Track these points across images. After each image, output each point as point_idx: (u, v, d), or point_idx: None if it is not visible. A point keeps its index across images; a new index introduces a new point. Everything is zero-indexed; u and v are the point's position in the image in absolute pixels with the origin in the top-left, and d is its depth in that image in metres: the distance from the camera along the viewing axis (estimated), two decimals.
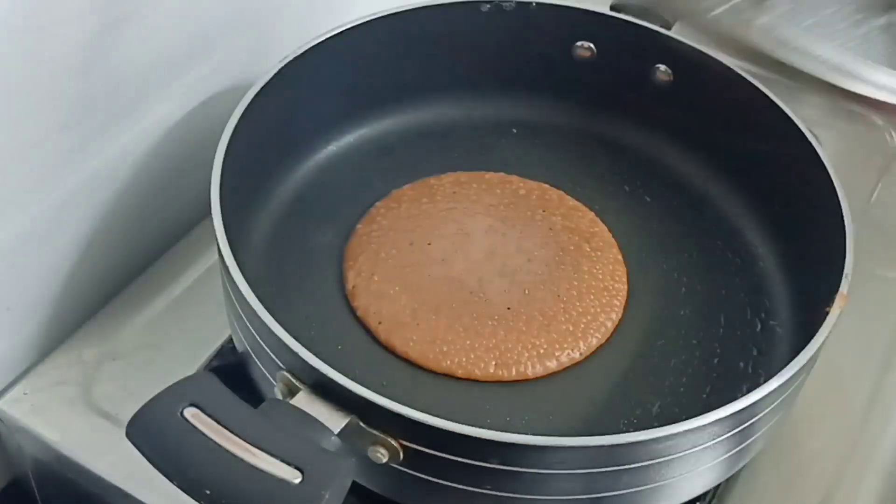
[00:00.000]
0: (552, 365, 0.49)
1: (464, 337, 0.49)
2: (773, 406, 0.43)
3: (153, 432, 0.36)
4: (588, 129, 0.63)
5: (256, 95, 0.51)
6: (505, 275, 0.52)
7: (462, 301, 0.51)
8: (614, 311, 0.52)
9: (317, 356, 0.39)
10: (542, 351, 0.49)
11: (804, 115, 0.54)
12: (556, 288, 0.52)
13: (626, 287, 0.53)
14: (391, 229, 0.54)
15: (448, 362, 0.49)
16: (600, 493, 0.41)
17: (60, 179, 0.50)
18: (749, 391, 0.40)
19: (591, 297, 0.52)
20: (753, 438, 0.45)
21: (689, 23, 0.67)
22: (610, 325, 0.51)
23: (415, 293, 0.51)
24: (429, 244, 0.53)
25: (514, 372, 0.49)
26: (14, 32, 0.43)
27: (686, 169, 0.60)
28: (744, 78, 0.56)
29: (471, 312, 0.50)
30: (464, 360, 0.49)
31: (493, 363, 0.49)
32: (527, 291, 0.52)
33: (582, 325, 0.51)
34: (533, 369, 0.49)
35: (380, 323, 0.50)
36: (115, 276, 0.57)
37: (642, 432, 0.38)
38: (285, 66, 0.53)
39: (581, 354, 0.50)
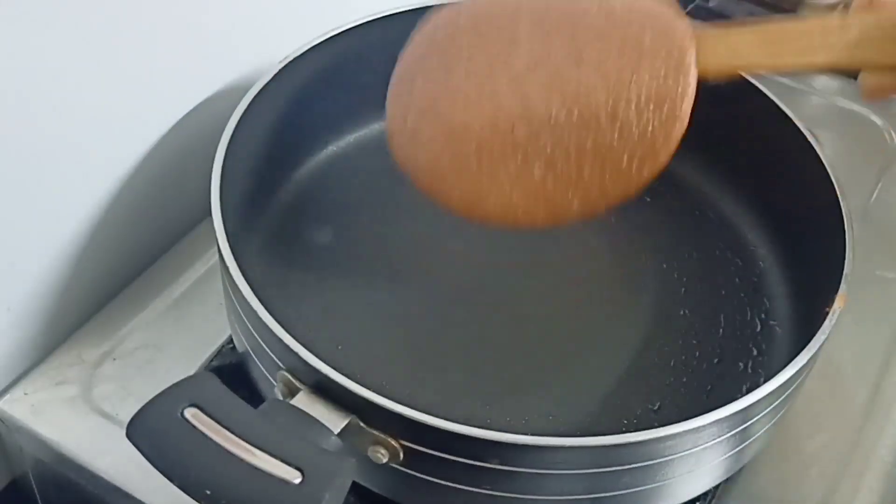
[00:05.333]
0: (601, 206, 0.43)
1: (509, 192, 0.44)
2: (773, 406, 0.43)
3: (153, 432, 0.36)
4: None
5: (256, 95, 0.51)
6: (553, 92, 0.43)
7: (502, 144, 0.43)
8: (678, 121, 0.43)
9: (317, 356, 0.39)
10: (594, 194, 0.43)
11: (804, 115, 0.54)
12: (609, 104, 0.42)
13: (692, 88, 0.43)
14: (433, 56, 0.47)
15: (494, 208, 0.44)
16: (600, 493, 0.41)
17: (61, 179, 0.50)
18: (749, 391, 0.40)
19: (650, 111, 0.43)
20: (753, 438, 0.45)
21: None
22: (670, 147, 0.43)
23: (455, 137, 0.44)
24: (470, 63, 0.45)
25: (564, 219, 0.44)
26: (11, 37, 0.43)
27: (686, 169, 0.60)
28: (744, 78, 0.56)
29: (516, 156, 0.43)
30: (510, 213, 0.44)
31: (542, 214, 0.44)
32: (576, 113, 0.42)
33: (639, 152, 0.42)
34: (582, 212, 0.43)
35: (418, 172, 0.46)
36: (115, 276, 0.57)
37: (642, 432, 0.39)
38: (285, 66, 0.53)
39: (635, 189, 0.43)
